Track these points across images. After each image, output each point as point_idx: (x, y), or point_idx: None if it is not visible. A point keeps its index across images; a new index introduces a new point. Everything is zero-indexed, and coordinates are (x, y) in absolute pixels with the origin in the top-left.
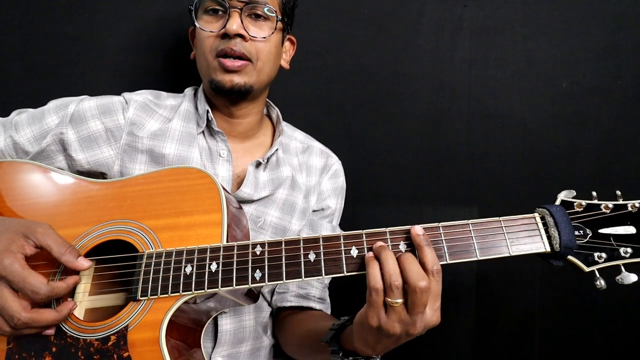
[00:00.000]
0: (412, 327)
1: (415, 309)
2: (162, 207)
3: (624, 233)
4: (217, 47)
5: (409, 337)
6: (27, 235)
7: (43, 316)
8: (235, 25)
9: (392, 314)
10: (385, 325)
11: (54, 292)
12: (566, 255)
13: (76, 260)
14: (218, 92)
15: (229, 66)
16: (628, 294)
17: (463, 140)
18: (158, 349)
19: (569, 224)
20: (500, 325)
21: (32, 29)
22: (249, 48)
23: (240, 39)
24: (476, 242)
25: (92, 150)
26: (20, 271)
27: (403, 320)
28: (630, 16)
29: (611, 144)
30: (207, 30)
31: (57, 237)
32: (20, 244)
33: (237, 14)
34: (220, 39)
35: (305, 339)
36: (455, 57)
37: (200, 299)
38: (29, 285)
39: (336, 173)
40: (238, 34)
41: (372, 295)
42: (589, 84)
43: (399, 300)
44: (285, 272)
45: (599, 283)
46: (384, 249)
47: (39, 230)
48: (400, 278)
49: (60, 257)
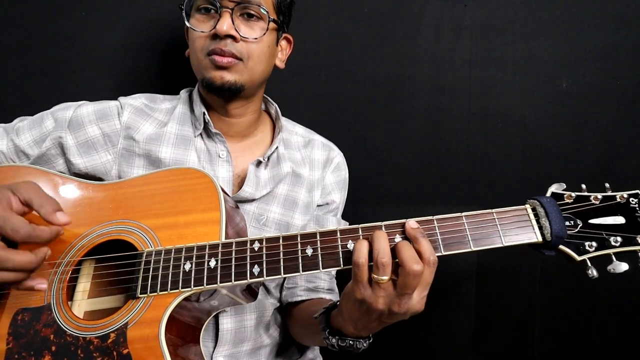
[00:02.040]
0: (396, 306)
1: (404, 289)
2: (161, 207)
3: (614, 223)
4: (207, 47)
5: (391, 316)
6: (13, 190)
7: (17, 256)
8: (225, 26)
9: (377, 289)
10: (369, 299)
11: (35, 233)
12: (557, 245)
13: (54, 212)
14: (210, 89)
15: (218, 61)
16: (627, 292)
17: (463, 140)
18: (157, 345)
19: (560, 215)
20: (499, 323)
21: (30, 28)
22: (240, 48)
23: (231, 39)
24: (470, 234)
25: (90, 155)
26: (2, 212)
27: (389, 296)
28: (630, 16)
29: (611, 144)
30: (197, 30)
31: (39, 191)
32: (7, 195)
33: (228, 14)
34: (211, 39)
35: (307, 320)
36: (455, 57)
37: (201, 296)
38: (9, 224)
39: (338, 166)
40: (228, 34)
41: (354, 268)
42: (589, 84)
43: (384, 278)
44: (283, 267)
45: (591, 272)
46: (379, 232)
47: (22, 185)
48: (387, 256)
49: (39, 208)
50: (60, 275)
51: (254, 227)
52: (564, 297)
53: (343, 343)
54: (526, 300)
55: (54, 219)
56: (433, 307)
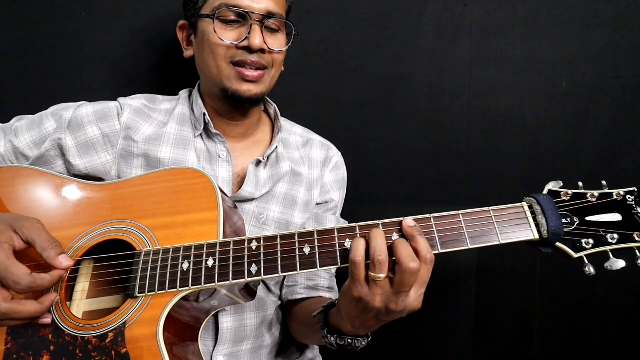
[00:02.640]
0: (393, 304)
1: (401, 287)
2: (159, 207)
3: (610, 220)
4: (233, 56)
5: (389, 314)
6: (15, 229)
7: (24, 307)
8: (257, 41)
9: (375, 287)
10: (366, 297)
11: (37, 283)
12: (554, 242)
13: (56, 257)
14: (233, 100)
15: (249, 76)
16: (627, 291)
17: (463, 140)
18: (155, 345)
19: (556, 212)
20: (499, 323)
21: (29, 28)
22: (267, 58)
23: (261, 52)
24: (467, 232)
25: (89, 156)
26: (4, 260)
27: (386, 294)
28: (630, 16)
29: (611, 144)
30: (226, 41)
31: (42, 232)
32: (9, 235)
33: (258, 27)
34: (237, 48)
35: (306, 319)
36: (455, 57)
37: (200, 295)
38: (10, 275)
39: (337, 165)
40: (261, 49)
41: (351, 267)
42: (589, 84)
43: (381, 275)
44: (281, 266)
45: (588, 269)
46: (376, 230)
47: (25, 225)
48: (384, 254)
49: (42, 252)
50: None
51: (254, 226)
52: (563, 296)
53: (341, 342)
54: (526, 299)
55: (57, 264)
56: (433, 306)
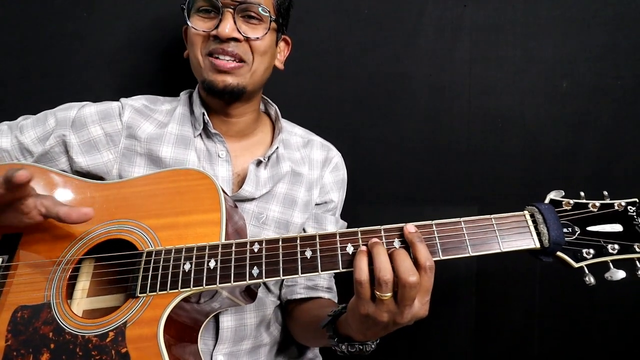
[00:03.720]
0: (399, 317)
1: (403, 301)
2: (162, 207)
3: (612, 230)
4: (208, 47)
5: (397, 325)
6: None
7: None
8: (227, 28)
9: (381, 304)
10: (373, 314)
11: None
12: (555, 251)
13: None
14: (210, 92)
15: (220, 66)
16: (627, 292)
17: (463, 140)
18: (156, 345)
19: (558, 221)
20: (499, 325)
21: (31, 28)
22: (243, 49)
23: (234, 41)
24: (468, 239)
25: (92, 154)
26: None
27: (391, 310)
28: (630, 16)
29: (611, 144)
30: (199, 30)
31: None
32: None
33: (230, 14)
34: (212, 39)
35: (310, 324)
36: (455, 57)
37: (201, 297)
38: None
39: (337, 166)
40: (231, 37)
41: (357, 287)
42: (589, 84)
43: (387, 294)
44: (283, 269)
45: (588, 279)
46: (377, 244)
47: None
48: (389, 274)
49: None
50: (60, 273)
51: (254, 226)
52: (563, 298)
53: (352, 349)
54: (526, 302)
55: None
56: (433, 309)
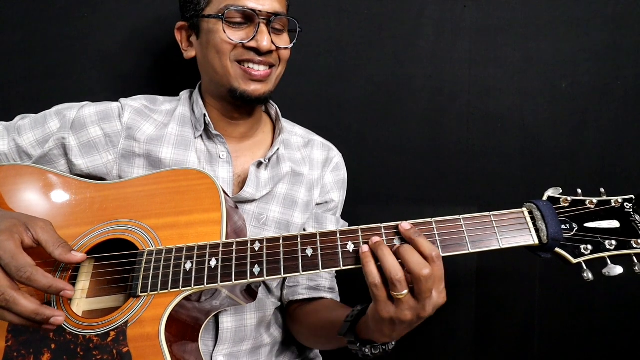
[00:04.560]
0: (422, 311)
1: (422, 294)
2: (162, 207)
3: (609, 227)
4: (239, 55)
5: (421, 320)
6: (27, 227)
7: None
8: (266, 42)
9: (401, 304)
10: (396, 315)
11: (38, 274)
12: (554, 248)
13: (69, 252)
14: (241, 100)
15: (256, 75)
16: (627, 292)
17: (463, 140)
18: (157, 344)
19: (556, 218)
20: (499, 324)
21: (31, 29)
22: (274, 57)
23: (269, 52)
24: (468, 236)
25: (92, 155)
26: (13, 248)
27: (413, 307)
28: (630, 16)
29: (611, 144)
30: (235, 40)
31: (54, 234)
32: (21, 230)
33: (265, 27)
34: (243, 48)
35: (320, 329)
36: (455, 57)
37: (202, 295)
38: (15, 262)
39: (337, 166)
40: (269, 50)
41: (373, 290)
42: (589, 84)
43: (404, 292)
44: (284, 267)
45: (586, 275)
46: (380, 245)
47: (39, 224)
48: (400, 272)
49: (53, 251)
50: (60, 273)
51: (254, 227)
52: (564, 297)
53: (376, 350)
54: (526, 301)
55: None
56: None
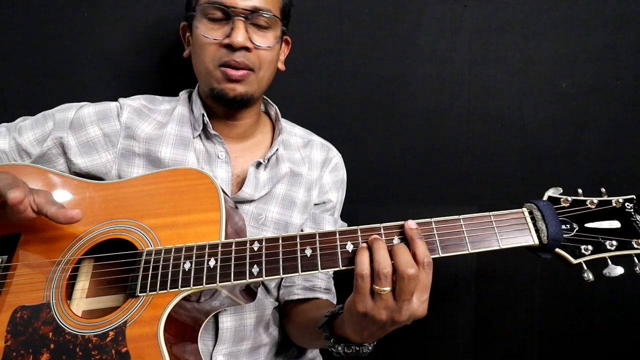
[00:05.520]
0: (397, 314)
1: (402, 295)
2: (161, 207)
3: (609, 227)
4: (220, 58)
5: (395, 324)
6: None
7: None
8: (240, 37)
9: (379, 300)
10: (371, 312)
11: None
12: (554, 248)
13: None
14: (219, 100)
15: (232, 75)
16: (627, 292)
17: (463, 140)
18: (156, 344)
19: (556, 218)
20: (499, 324)
21: (31, 29)
22: (252, 58)
23: (245, 50)
24: (467, 236)
25: (91, 155)
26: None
27: (389, 307)
28: (630, 16)
29: (611, 144)
30: (210, 37)
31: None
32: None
33: (242, 23)
34: (222, 47)
35: (306, 326)
36: (455, 57)
37: (202, 296)
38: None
39: (336, 166)
40: (244, 46)
41: (358, 281)
42: (589, 84)
43: (386, 289)
44: (283, 267)
45: (587, 276)
46: (377, 240)
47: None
48: (389, 267)
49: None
50: (60, 273)
51: (253, 227)
52: (564, 297)
53: (349, 350)
54: (526, 301)
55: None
56: (433, 307)
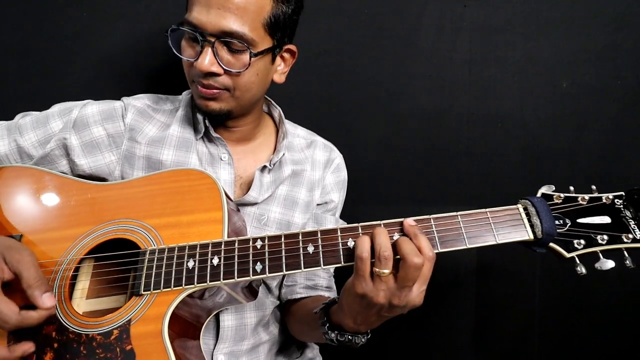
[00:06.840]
0: (396, 299)
1: (405, 282)
2: (164, 207)
3: (600, 222)
4: (193, 75)
5: (391, 310)
6: (5, 258)
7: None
8: (206, 62)
9: (379, 283)
10: (370, 293)
11: (25, 322)
12: (548, 242)
13: (40, 295)
14: (199, 113)
15: (204, 93)
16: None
17: (462, 140)
18: (161, 342)
19: (550, 214)
20: (499, 323)
21: (31, 29)
22: (223, 81)
23: (213, 75)
24: (465, 232)
25: (94, 155)
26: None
27: (390, 289)
28: (630, 16)
29: (611, 144)
30: (184, 57)
31: (31, 267)
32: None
33: (209, 48)
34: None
35: (305, 316)
36: (455, 57)
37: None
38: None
39: (338, 167)
40: (209, 72)
41: (357, 263)
42: (589, 84)
43: (386, 271)
44: (285, 264)
45: (580, 269)
46: (379, 228)
47: (16, 257)
48: (389, 250)
49: (27, 288)
50: (62, 273)
51: (255, 227)
52: (564, 297)
53: (342, 338)
54: (526, 300)
55: (40, 303)
56: (433, 306)
